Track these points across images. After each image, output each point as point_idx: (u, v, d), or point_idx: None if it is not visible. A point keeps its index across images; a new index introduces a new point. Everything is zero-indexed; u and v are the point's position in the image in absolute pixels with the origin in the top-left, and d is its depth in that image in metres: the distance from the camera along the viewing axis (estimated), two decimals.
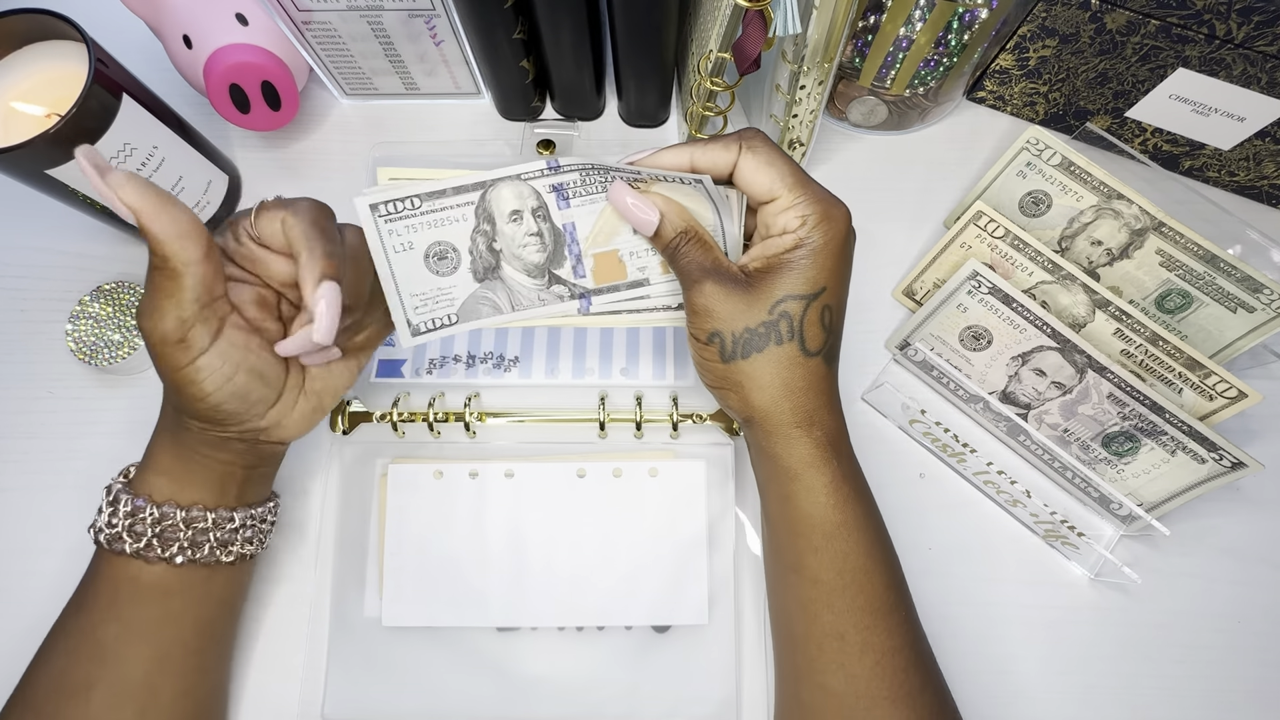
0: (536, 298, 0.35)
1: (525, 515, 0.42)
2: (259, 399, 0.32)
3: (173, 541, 0.33)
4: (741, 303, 0.31)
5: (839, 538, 0.32)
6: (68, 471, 0.44)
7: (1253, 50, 0.39)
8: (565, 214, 0.33)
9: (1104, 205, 0.41)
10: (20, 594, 0.42)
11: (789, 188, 0.31)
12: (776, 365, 0.31)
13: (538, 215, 0.33)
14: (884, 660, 0.31)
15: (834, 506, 0.32)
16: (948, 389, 0.44)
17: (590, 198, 0.33)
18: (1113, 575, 0.41)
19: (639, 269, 0.35)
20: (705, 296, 0.31)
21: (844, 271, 0.32)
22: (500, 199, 0.33)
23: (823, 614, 0.32)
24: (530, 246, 0.34)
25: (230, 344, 0.30)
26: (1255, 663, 0.41)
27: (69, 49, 0.39)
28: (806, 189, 0.31)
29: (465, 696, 0.40)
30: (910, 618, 0.33)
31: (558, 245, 0.34)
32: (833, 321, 0.32)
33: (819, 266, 0.30)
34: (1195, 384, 0.40)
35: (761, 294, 0.31)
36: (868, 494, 0.33)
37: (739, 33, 0.37)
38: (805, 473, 0.32)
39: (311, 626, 0.41)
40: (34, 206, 0.46)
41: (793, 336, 0.31)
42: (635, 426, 0.42)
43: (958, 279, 0.40)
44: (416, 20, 0.43)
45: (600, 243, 0.34)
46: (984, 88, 0.50)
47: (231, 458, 0.34)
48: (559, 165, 0.32)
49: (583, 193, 0.33)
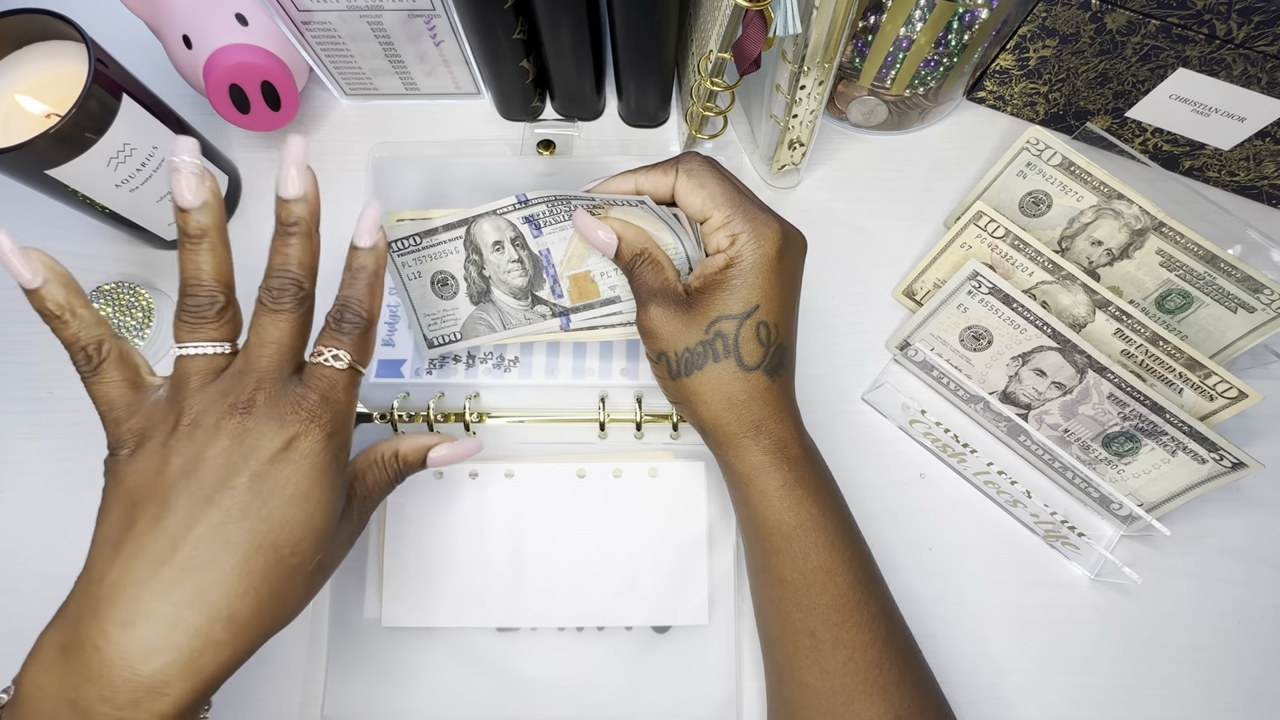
0: (523, 317, 0.39)
1: (525, 515, 0.42)
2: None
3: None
4: (681, 323, 0.32)
5: (796, 539, 0.32)
6: (68, 472, 0.44)
7: (1253, 50, 0.39)
8: (539, 241, 0.37)
9: (1104, 205, 0.41)
10: (20, 594, 0.42)
11: (718, 207, 0.31)
12: (717, 381, 0.32)
13: (516, 244, 0.37)
14: (857, 655, 0.31)
15: (788, 509, 0.32)
16: (948, 389, 0.44)
17: (559, 225, 0.36)
18: (1113, 575, 0.41)
19: (610, 287, 0.38)
20: (650, 319, 0.33)
21: (780, 287, 0.32)
22: (482, 232, 0.37)
23: (792, 612, 0.33)
24: (513, 272, 0.38)
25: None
26: (1255, 663, 0.41)
27: (69, 49, 0.39)
28: (737, 208, 0.32)
29: (465, 697, 0.40)
30: (884, 612, 0.33)
31: (537, 269, 0.38)
32: (772, 336, 0.32)
33: (750, 285, 0.31)
34: (1195, 384, 0.39)
35: (699, 314, 0.32)
36: (827, 494, 0.34)
37: (739, 33, 0.37)
38: (757, 478, 0.33)
39: (311, 627, 0.41)
40: (34, 207, 0.46)
41: (729, 354, 0.32)
42: (635, 426, 0.42)
43: (958, 279, 0.40)
44: (416, 20, 0.43)
45: (573, 265, 0.37)
46: (984, 88, 0.50)
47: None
48: (527, 199, 0.35)
49: (551, 221, 0.36)
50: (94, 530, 0.28)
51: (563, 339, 0.40)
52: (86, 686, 0.25)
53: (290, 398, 0.29)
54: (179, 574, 0.26)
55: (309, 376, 0.30)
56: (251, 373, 0.29)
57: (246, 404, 0.28)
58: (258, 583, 0.27)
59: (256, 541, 0.27)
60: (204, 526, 0.26)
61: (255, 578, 0.27)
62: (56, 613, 0.27)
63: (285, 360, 0.30)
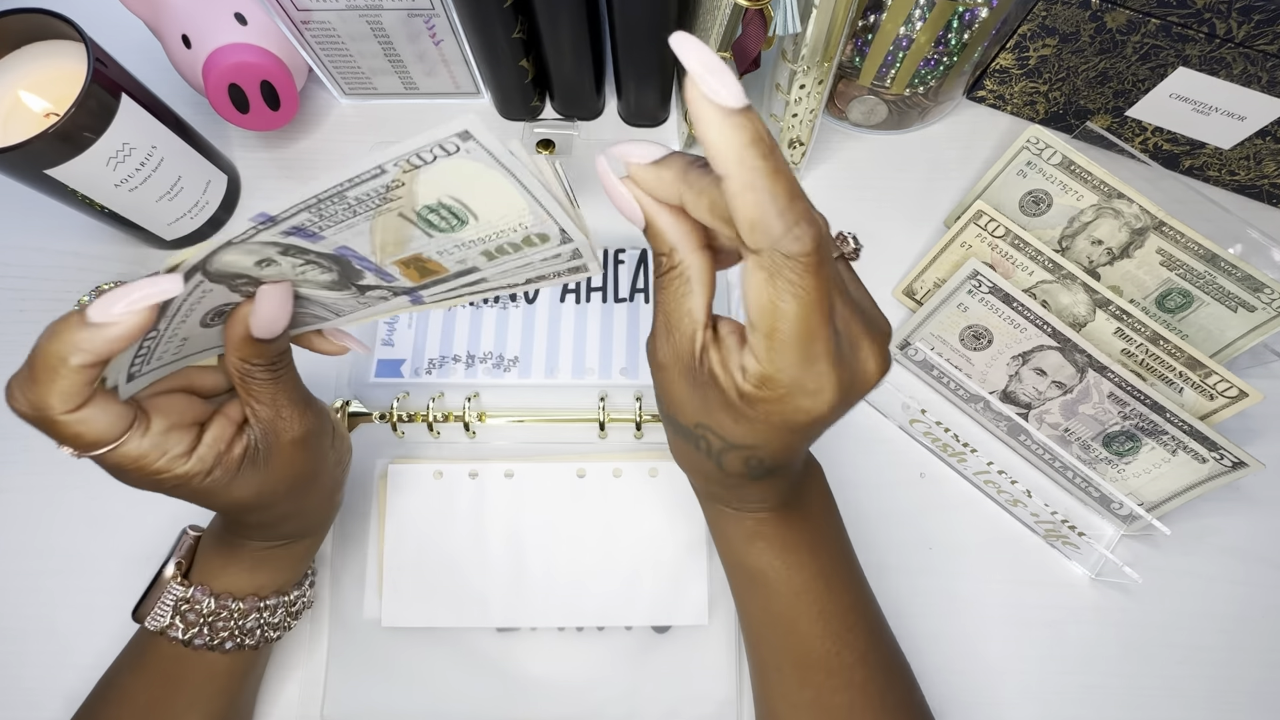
0: (355, 303, 0.29)
1: (525, 515, 0.42)
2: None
3: (223, 631, 0.33)
4: (677, 388, 0.25)
5: (758, 583, 0.31)
6: (67, 473, 0.44)
7: (1253, 49, 0.39)
8: (326, 243, 0.24)
9: (1104, 204, 0.41)
10: (20, 595, 0.42)
11: (773, 344, 0.21)
12: (695, 459, 0.27)
13: (290, 254, 0.25)
14: (823, 697, 0.31)
15: (748, 554, 0.31)
16: (948, 388, 0.44)
17: (344, 223, 0.23)
18: (1113, 575, 0.41)
19: (458, 262, 0.26)
20: (652, 351, 0.25)
21: (801, 441, 0.25)
22: (226, 263, 0.24)
23: (759, 646, 0.33)
24: (310, 270, 0.26)
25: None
26: (1256, 663, 0.41)
27: (68, 49, 0.39)
28: (793, 363, 0.21)
29: (465, 697, 0.40)
30: (862, 660, 0.31)
31: (344, 265, 0.26)
32: (763, 466, 0.26)
33: (758, 433, 0.24)
34: (1196, 383, 0.39)
35: (693, 399, 0.25)
36: (798, 546, 0.31)
37: (739, 32, 0.37)
38: (720, 521, 0.31)
39: (311, 627, 0.41)
40: (33, 206, 0.46)
41: (710, 457, 0.26)
42: (635, 426, 0.42)
43: (958, 278, 0.40)
44: (416, 20, 0.43)
45: (393, 252, 0.25)
46: (984, 87, 0.49)
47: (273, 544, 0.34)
48: (271, 217, 0.22)
49: (328, 224, 0.23)
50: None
51: (419, 310, 0.30)
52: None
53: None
54: None
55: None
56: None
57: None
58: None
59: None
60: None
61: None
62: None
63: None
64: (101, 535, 0.43)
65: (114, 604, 0.41)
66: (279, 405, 0.29)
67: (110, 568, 0.42)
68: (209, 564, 0.34)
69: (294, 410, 0.29)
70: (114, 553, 0.43)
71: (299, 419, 0.29)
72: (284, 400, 0.29)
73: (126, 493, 0.43)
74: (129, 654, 0.35)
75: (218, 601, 0.33)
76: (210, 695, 0.34)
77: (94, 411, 0.24)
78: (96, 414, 0.24)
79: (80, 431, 0.24)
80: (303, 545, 0.35)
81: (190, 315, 0.26)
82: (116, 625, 0.40)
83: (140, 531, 0.43)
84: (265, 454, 0.29)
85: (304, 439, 0.30)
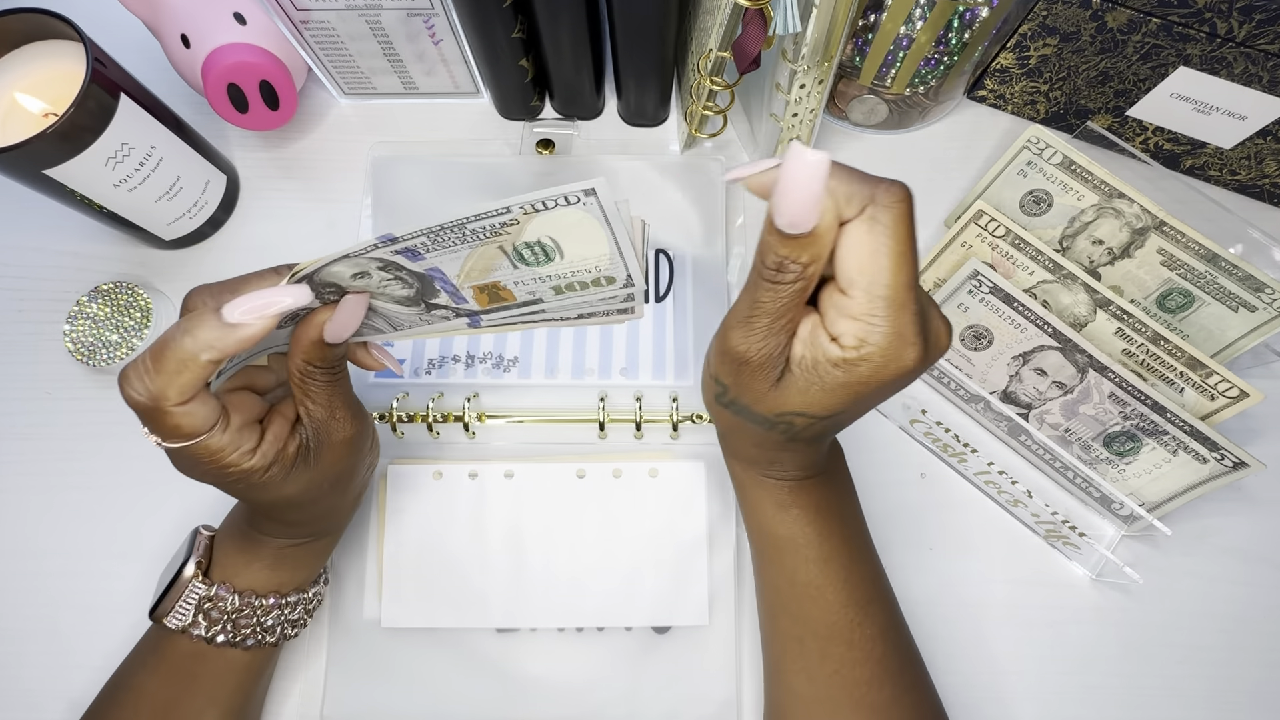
0: (418, 319, 0.30)
1: (525, 516, 0.42)
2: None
3: (245, 628, 0.34)
4: (758, 387, 0.26)
5: (787, 551, 0.32)
6: (66, 473, 0.44)
7: (1254, 49, 0.39)
8: (422, 264, 0.27)
9: (1105, 204, 0.41)
10: (19, 596, 0.42)
11: (871, 297, 0.23)
12: (754, 435, 0.29)
13: (388, 269, 0.27)
14: (844, 670, 0.31)
15: (779, 523, 0.32)
16: (948, 389, 0.44)
17: (449, 249, 0.26)
18: (1114, 575, 0.41)
19: (529, 293, 0.28)
20: (729, 351, 0.26)
21: (874, 400, 0.26)
22: (332, 273, 0.27)
23: (780, 618, 0.33)
24: (392, 285, 0.28)
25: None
26: (1257, 663, 0.41)
27: (67, 48, 0.39)
28: (893, 309, 0.23)
29: (465, 698, 0.40)
30: (882, 635, 0.32)
31: (426, 284, 0.28)
32: (831, 431, 0.28)
33: (847, 397, 0.25)
34: (1197, 383, 0.39)
35: (778, 394, 0.26)
36: (829, 515, 0.32)
37: (739, 31, 0.37)
38: (754, 489, 0.32)
39: (311, 628, 0.41)
40: (32, 206, 0.46)
41: (785, 433, 0.28)
42: (635, 427, 0.42)
43: (959, 278, 0.40)
44: (415, 19, 0.43)
45: (476, 278, 0.27)
46: (985, 86, 0.49)
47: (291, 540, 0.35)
48: (394, 238, 0.25)
49: (435, 248, 0.26)
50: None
51: (472, 334, 0.32)
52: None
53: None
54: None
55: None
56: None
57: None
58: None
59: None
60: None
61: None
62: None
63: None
64: (101, 535, 0.43)
65: (114, 604, 0.41)
66: (334, 407, 0.30)
67: (110, 568, 0.42)
68: (230, 562, 0.34)
69: (346, 413, 0.31)
70: (114, 553, 0.43)
71: (350, 421, 0.31)
72: (339, 403, 0.30)
73: (127, 493, 0.43)
74: (141, 653, 0.35)
75: (242, 599, 0.34)
76: (229, 692, 0.35)
77: (197, 405, 0.26)
78: (198, 408, 0.26)
79: (182, 423, 0.26)
80: (323, 543, 0.36)
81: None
82: (117, 625, 0.40)
83: (141, 531, 0.43)
84: (316, 452, 0.30)
85: (352, 440, 0.31)
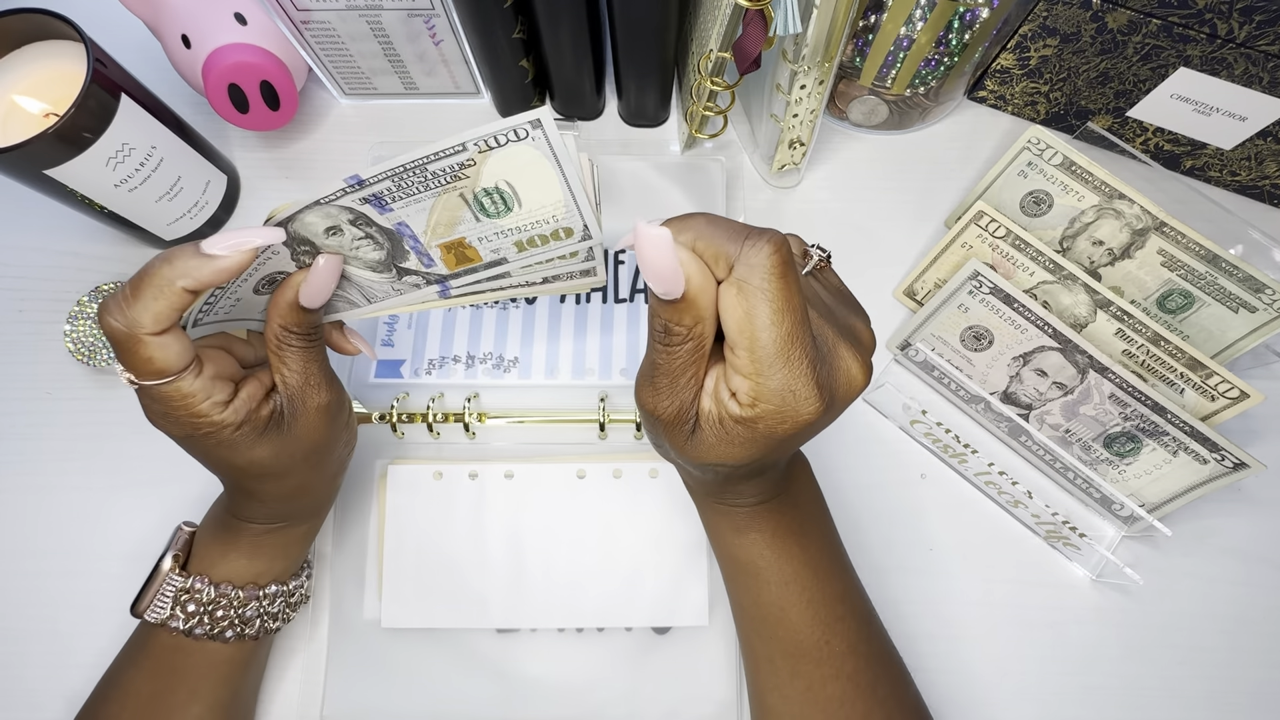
0: (390, 289, 0.32)
1: (525, 516, 0.42)
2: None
3: (224, 620, 0.34)
4: (675, 437, 0.26)
5: (749, 574, 0.32)
6: (66, 473, 0.44)
7: (1254, 50, 0.39)
8: (389, 217, 0.28)
9: (1105, 205, 0.41)
10: (20, 595, 0.42)
11: (754, 356, 0.22)
12: (692, 475, 0.30)
13: (358, 224, 0.28)
14: (815, 687, 0.31)
15: (739, 546, 0.31)
16: (949, 389, 0.44)
17: (414, 198, 0.27)
18: (1114, 576, 0.41)
19: (492, 251, 0.30)
20: (644, 404, 0.26)
21: (793, 447, 0.26)
22: (306, 224, 0.28)
23: (751, 637, 0.33)
24: (364, 247, 0.30)
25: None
26: (1257, 664, 0.41)
27: (67, 49, 0.39)
28: (777, 364, 0.22)
29: (465, 698, 0.40)
30: (853, 650, 0.32)
31: (395, 243, 0.30)
32: (758, 469, 0.28)
33: (758, 448, 0.24)
34: (1197, 384, 0.39)
35: (694, 447, 0.25)
36: (787, 535, 0.31)
37: (739, 32, 0.37)
38: (712, 516, 0.32)
39: (311, 628, 0.41)
40: (32, 206, 0.46)
41: (714, 475, 0.28)
42: (635, 427, 0.42)
43: (959, 279, 0.40)
44: (415, 20, 0.43)
45: (442, 234, 0.29)
46: (985, 87, 0.49)
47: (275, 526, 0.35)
48: (361, 180, 0.26)
49: (402, 196, 0.27)
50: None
51: (443, 305, 0.33)
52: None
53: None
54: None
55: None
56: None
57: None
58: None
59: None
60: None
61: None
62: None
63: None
64: (102, 535, 0.43)
65: (115, 604, 0.41)
66: (309, 374, 0.31)
67: (110, 568, 0.42)
68: (207, 553, 0.34)
69: (321, 380, 0.32)
70: (114, 553, 0.43)
71: (324, 389, 0.32)
72: (314, 370, 0.31)
73: (127, 493, 0.43)
74: (127, 650, 0.36)
75: (217, 590, 0.34)
76: (212, 685, 0.35)
77: (171, 339, 0.27)
78: (172, 342, 0.27)
79: (155, 355, 0.27)
80: (299, 530, 0.36)
81: (252, 276, 0.29)
82: (117, 625, 0.40)
83: (140, 531, 0.43)
84: (290, 418, 0.31)
85: (326, 408, 0.32)
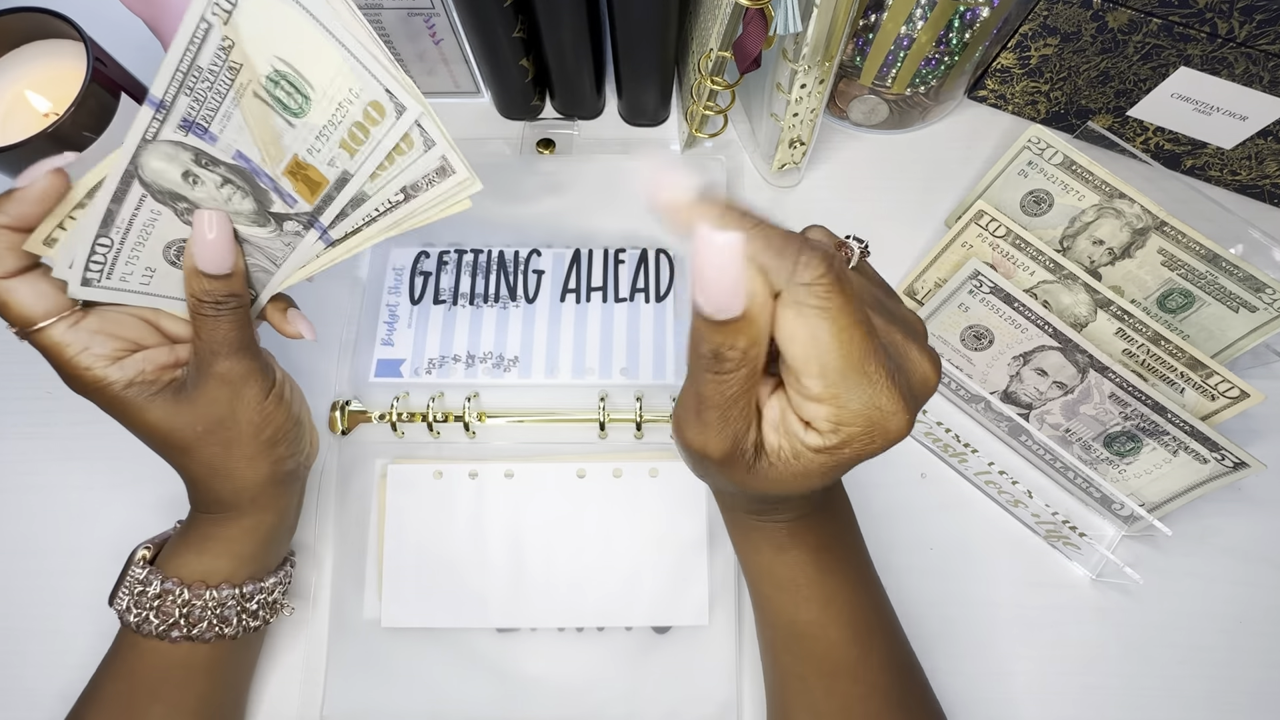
0: (281, 244, 0.31)
1: (525, 516, 0.42)
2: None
3: (201, 621, 0.34)
4: (731, 477, 0.24)
5: (788, 591, 0.31)
6: (66, 473, 0.44)
7: (1255, 49, 0.39)
8: (220, 146, 0.27)
9: (1106, 204, 0.41)
10: (20, 595, 0.42)
11: (826, 380, 0.20)
12: (739, 500, 0.29)
13: (204, 162, 0.28)
14: (850, 705, 0.31)
15: (780, 564, 0.30)
16: (949, 389, 0.44)
17: (220, 111, 0.26)
18: (1114, 576, 0.41)
19: (328, 163, 0.28)
20: (689, 440, 0.23)
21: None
22: (158, 171, 0.27)
23: (782, 655, 0.32)
24: (235, 197, 0.29)
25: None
26: (1258, 663, 0.41)
27: (67, 48, 0.39)
28: (855, 381, 0.20)
29: (465, 698, 0.40)
30: (888, 665, 0.31)
31: (251, 183, 0.29)
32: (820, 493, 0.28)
33: (833, 475, 0.23)
34: (1197, 384, 0.39)
35: (754, 478, 0.23)
36: (828, 552, 0.30)
37: (739, 31, 0.37)
38: (752, 533, 0.31)
39: (310, 627, 0.41)
40: None
41: (773, 500, 0.27)
42: (635, 426, 0.42)
43: (959, 278, 0.40)
44: (416, 19, 0.43)
45: (274, 155, 0.28)
46: (985, 86, 0.49)
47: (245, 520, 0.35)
48: (159, 100, 0.26)
49: (207, 111, 0.26)
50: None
51: (336, 258, 0.31)
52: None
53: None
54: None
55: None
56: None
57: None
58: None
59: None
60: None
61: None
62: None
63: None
64: (102, 534, 0.43)
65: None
66: (218, 343, 0.30)
67: (110, 567, 0.42)
68: (173, 550, 0.35)
69: (230, 350, 0.31)
70: (114, 553, 0.42)
71: (229, 358, 0.31)
72: (222, 339, 0.30)
73: (127, 493, 0.43)
74: (108, 658, 0.35)
75: (163, 584, 0.33)
76: (194, 687, 0.34)
77: (21, 285, 0.27)
78: (23, 288, 0.27)
79: (7, 300, 0.27)
80: (244, 524, 0.35)
81: (148, 237, 0.29)
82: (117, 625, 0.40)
83: (140, 532, 0.42)
84: (191, 386, 0.31)
85: (227, 377, 0.31)
